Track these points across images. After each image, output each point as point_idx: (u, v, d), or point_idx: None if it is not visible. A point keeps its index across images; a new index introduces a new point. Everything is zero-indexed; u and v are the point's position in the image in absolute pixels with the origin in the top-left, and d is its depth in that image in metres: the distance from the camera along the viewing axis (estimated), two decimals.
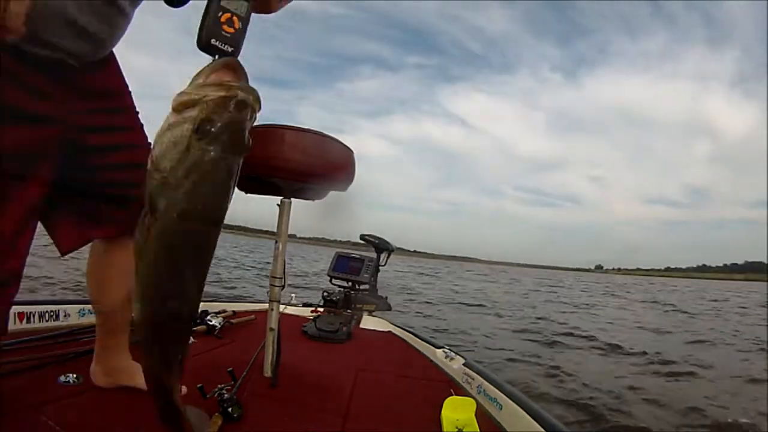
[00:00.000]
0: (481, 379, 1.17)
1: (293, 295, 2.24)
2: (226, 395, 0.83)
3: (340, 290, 2.12)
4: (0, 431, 0.68)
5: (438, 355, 1.49)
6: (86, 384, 0.89)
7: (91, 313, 1.40)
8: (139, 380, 0.90)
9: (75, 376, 0.91)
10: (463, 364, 1.32)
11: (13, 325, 1.19)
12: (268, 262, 1.14)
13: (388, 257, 2.38)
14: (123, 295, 0.86)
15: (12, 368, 0.90)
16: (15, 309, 1.20)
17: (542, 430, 0.85)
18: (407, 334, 1.82)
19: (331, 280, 2.20)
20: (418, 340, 1.72)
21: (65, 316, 1.33)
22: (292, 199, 1.07)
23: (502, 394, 1.04)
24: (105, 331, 0.89)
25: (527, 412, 0.92)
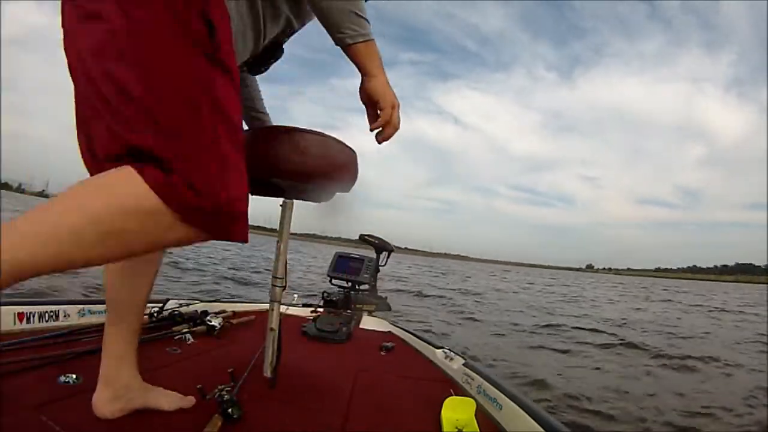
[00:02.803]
0: (480, 379, 1.17)
1: (295, 295, 2.24)
2: (225, 396, 0.83)
3: (339, 290, 2.12)
4: (0, 431, 0.68)
5: (438, 355, 1.49)
6: (86, 384, 0.89)
7: (91, 313, 1.40)
8: (154, 400, 0.81)
9: (75, 376, 0.90)
10: (463, 364, 1.32)
11: (13, 325, 1.18)
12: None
13: (387, 257, 2.38)
14: (145, 289, 0.78)
15: (12, 368, 0.90)
16: (15, 309, 1.20)
17: (542, 430, 0.85)
18: (407, 334, 1.82)
19: (330, 281, 2.20)
20: (418, 340, 1.72)
21: (65, 316, 1.33)
22: (295, 200, 1.07)
23: (502, 395, 1.04)
24: (121, 337, 0.78)
25: (527, 412, 0.92)
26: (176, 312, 1.50)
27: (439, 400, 0.99)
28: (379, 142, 0.83)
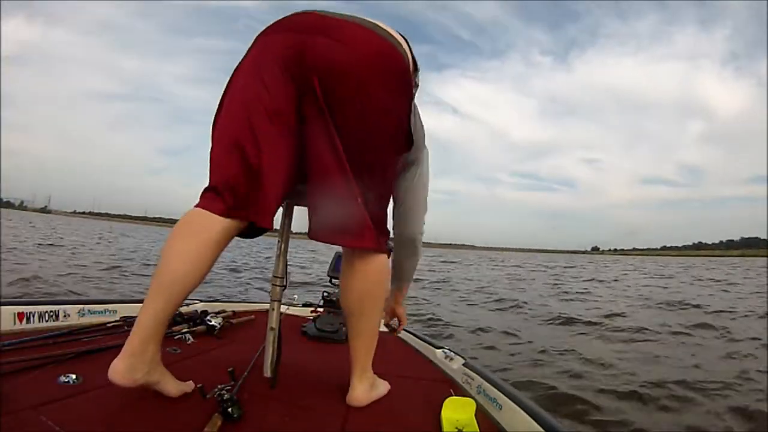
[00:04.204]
0: (480, 379, 1.17)
1: (296, 295, 2.24)
2: (225, 395, 0.83)
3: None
4: (0, 431, 0.68)
5: (438, 355, 1.49)
6: (86, 384, 0.89)
7: (91, 313, 1.40)
8: (164, 384, 0.85)
9: (75, 376, 0.90)
10: (463, 365, 1.32)
11: (13, 325, 1.19)
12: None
13: (388, 257, 2.38)
14: (201, 278, 0.84)
15: (12, 368, 0.90)
16: (15, 309, 1.20)
17: (542, 430, 0.85)
18: (407, 334, 1.82)
19: (330, 280, 2.20)
20: (418, 340, 1.72)
21: (65, 316, 1.33)
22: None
23: (501, 395, 1.04)
24: (158, 317, 0.81)
25: (527, 412, 0.92)
26: (176, 311, 1.50)
27: (439, 400, 0.99)
28: (396, 333, 1.46)
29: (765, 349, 3.46)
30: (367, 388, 1.02)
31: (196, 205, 0.85)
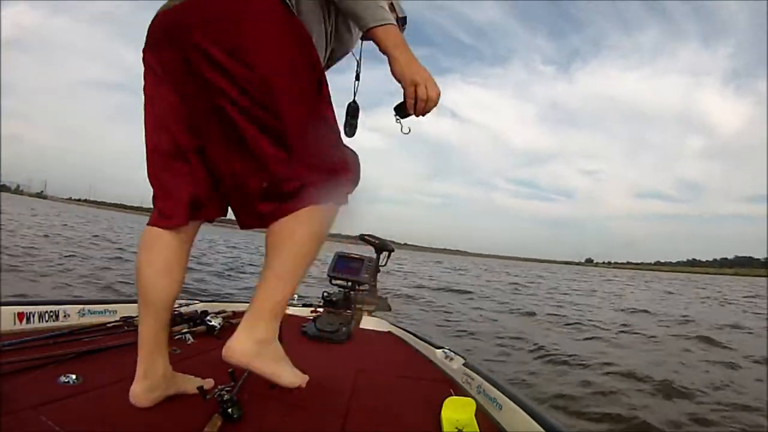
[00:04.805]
0: (480, 379, 1.17)
1: (296, 295, 2.23)
2: (225, 396, 0.83)
3: (339, 290, 2.12)
4: (0, 431, 0.68)
5: (438, 355, 1.49)
6: (86, 384, 0.89)
7: (91, 313, 1.40)
8: (183, 386, 0.90)
9: (75, 376, 0.91)
10: (463, 365, 1.32)
11: (13, 325, 1.19)
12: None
13: (388, 257, 2.38)
14: (177, 287, 0.86)
15: (12, 368, 0.90)
16: (15, 309, 1.20)
17: (542, 430, 0.85)
18: (407, 334, 1.82)
19: (330, 281, 2.20)
20: (418, 340, 1.72)
21: (65, 316, 1.33)
22: None
23: (501, 395, 1.04)
24: (156, 332, 0.84)
25: (527, 413, 0.92)
26: (176, 312, 1.50)
27: (439, 400, 0.98)
28: (417, 116, 0.86)
29: None
30: (253, 344, 0.81)
31: (149, 223, 0.86)
